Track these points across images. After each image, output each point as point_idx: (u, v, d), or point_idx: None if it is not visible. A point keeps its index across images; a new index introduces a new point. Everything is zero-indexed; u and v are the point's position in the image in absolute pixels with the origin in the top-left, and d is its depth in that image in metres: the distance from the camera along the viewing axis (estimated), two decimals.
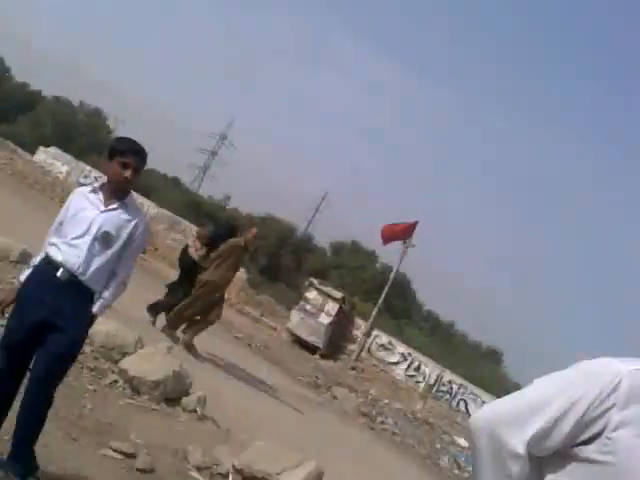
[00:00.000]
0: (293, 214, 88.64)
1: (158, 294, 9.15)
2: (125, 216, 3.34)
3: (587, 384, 1.41)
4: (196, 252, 8.91)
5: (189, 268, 8.97)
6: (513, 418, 1.45)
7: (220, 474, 4.56)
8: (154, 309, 8.81)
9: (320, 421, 8.53)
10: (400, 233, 19.55)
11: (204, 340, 8.86)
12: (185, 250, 9.26)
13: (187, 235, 21.21)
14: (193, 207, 29.86)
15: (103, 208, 3.30)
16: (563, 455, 1.43)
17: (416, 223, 19.91)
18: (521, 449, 1.42)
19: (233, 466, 4.62)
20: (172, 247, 18.62)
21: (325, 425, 8.82)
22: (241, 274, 23.33)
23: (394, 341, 19.70)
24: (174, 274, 10.88)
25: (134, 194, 3.55)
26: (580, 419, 1.39)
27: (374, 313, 19.75)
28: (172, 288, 9.15)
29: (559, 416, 1.40)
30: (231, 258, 8.60)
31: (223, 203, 37.11)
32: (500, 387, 25.77)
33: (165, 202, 24.14)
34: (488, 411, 1.53)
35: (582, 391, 1.40)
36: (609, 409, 1.37)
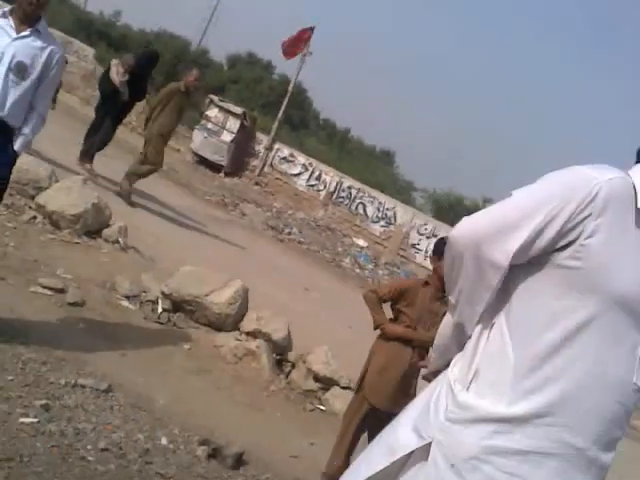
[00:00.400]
0: (186, 28, 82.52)
1: (75, 132, 8.78)
2: (39, 43, 3.18)
3: (567, 196, 1.43)
4: (117, 75, 8.36)
5: (109, 94, 8.52)
6: (497, 232, 1.47)
7: (150, 301, 4.80)
8: (87, 156, 8.41)
9: (234, 239, 8.92)
10: (299, 43, 18.91)
11: (109, 167, 8.72)
12: (106, 74, 8.65)
13: (81, 57, 19.51)
14: (83, 26, 26.99)
15: (15, 35, 3.12)
16: (534, 262, 1.48)
17: (312, 29, 19.24)
18: (505, 262, 1.46)
19: (162, 292, 4.88)
20: (72, 73, 17.09)
21: (239, 242, 9.24)
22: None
23: (295, 153, 19.93)
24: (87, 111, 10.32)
25: None
26: (560, 229, 1.42)
27: (275, 127, 19.67)
28: (95, 124, 8.69)
29: (542, 228, 1.43)
30: (171, 103, 8.20)
31: (114, 19, 33.82)
32: (394, 187, 27.18)
33: (52, 22, 21.58)
34: (470, 227, 1.54)
35: (563, 203, 1.42)
36: (586, 218, 1.41)
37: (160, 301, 4.83)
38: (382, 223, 18.11)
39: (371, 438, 3.66)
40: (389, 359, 3.48)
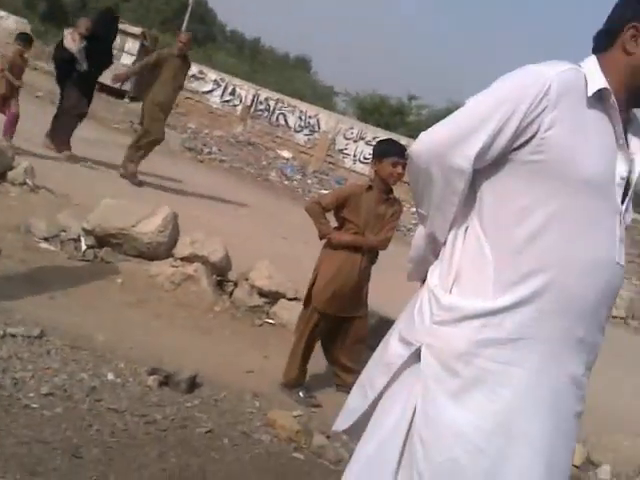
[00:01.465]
0: None
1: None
2: None
3: (520, 95, 1.46)
4: (74, 42, 7.42)
5: (67, 62, 7.57)
6: (456, 139, 1.50)
7: (72, 239, 4.54)
8: (59, 136, 7.60)
9: (150, 166, 8.49)
10: None
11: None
12: (60, 44, 7.70)
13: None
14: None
15: None
16: (498, 162, 1.52)
17: None
18: (467, 165, 1.49)
19: (83, 228, 4.62)
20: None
21: (157, 168, 8.83)
22: (25, 26, 20.33)
23: (205, 69, 19.12)
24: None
25: None
26: (517, 127, 1.46)
27: None
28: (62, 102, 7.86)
29: (499, 128, 1.47)
30: (164, 70, 7.51)
31: None
32: (314, 93, 26.72)
33: None
34: (430, 140, 1.56)
35: (517, 101, 1.46)
36: (541, 112, 1.45)
37: (83, 238, 4.57)
38: (306, 132, 17.84)
39: (324, 343, 3.68)
40: (339, 267, 3.46)
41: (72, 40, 7.50)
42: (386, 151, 3.48)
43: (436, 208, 1.60)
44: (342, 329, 3.60)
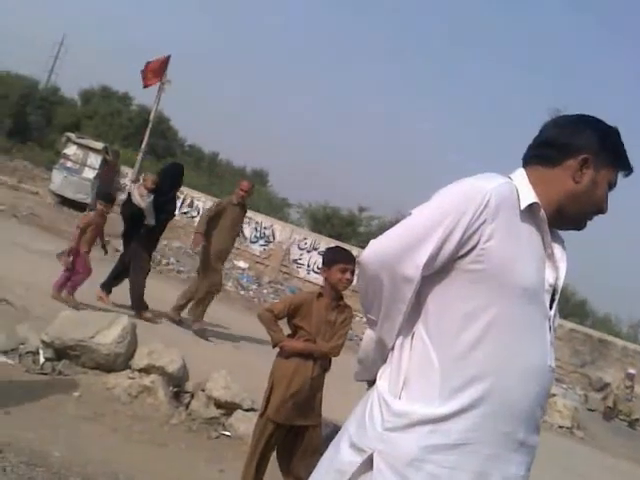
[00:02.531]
0: (33, 67, 78.45)
1: None
2: None
3: (463, 207, 1.56)
4: (141, 198, 7.32)
5: (136, 218, 7.40)
6: (405, 249, 1.58)
7: (30, 352, 4.53)
8: (138, 302, 7.39)
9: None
10: (157, 72, 18.64)
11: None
12: (128, 200, 7.54)
13: None
14: None
15: None
16: (442, 270, 1.60)
17: (168, 57, 19.05)
18: (416, 274, 1.57)
19: (42, 341, 4.62)
20: None
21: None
22: None
23: None
24: None
25: None
26: (461, 237, 1.55)
27: (139, 158, 19.19)
28: (126, 256, 7.62)
29: (444, 239, 1.56)
30: (224, 218, 7.58)
31: None
32: (270, 205, 27.37)
33: None
34: (379, 250, 1.63)
35: (460, 213, 1.55)
36: (482, 224, 1.55)
37: (41, 351, 4.57)
38: (261, 242, 18.20)
39: (279, 454, 3.67)
40: (292, 375, 3.46)
41: (140, 196, 7.37)
42: (334, 258, 3.58)
43: (385, 314, 1.65)
44: (297, 439, 3.55)
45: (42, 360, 4.49)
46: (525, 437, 1.57)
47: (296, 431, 3.56)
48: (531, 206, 1.62)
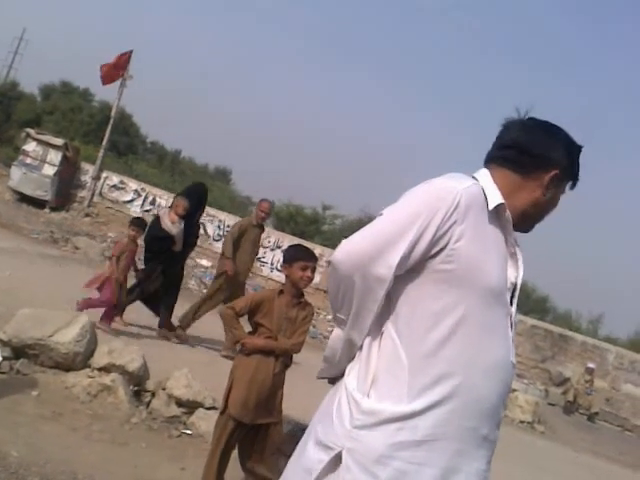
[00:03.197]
0: None
1: None
2: None
3: (434, 207, 1.58)
4: (173, 224, 6.99)
5: (163, 243, 7.03)
6: (378, 249, 1.59)
7: None
8: (167, 321, 7.23)
9: (70, 275, 8.46)
10: (119, 68, 18.39)
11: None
12: (156, 223, 7.10)
13: None
14: None
15: None
16: (412, 270, 1.62)
17: (130, 53, 18.81)
18: (389, 274, 1.59)
19: (0, 340, 4.60)
20: None
21: (76, 277, 8.77)
22: None
23: (125, 179, 19.32)
24: None
25: None
26: (432, 237, 1.57)
27: (100, 155, 18.92)
28: (145, 280, 7.18)
29: (417, 239, 1.57)
30: (244, 239, 7.60)
31: None
32: (232, 204, 27.24)
33: None
34: (352, 250, 1.63)
35: (431, 214, 1.57)
36: (452, 225, 1.58)
37: None
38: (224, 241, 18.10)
39: (240, 451, 3.68)
40: (253, 373, 3.47)
41: (171, 222, 7.05)
42: (296, 256, 3.62)
43: (355, 314, 1.66)
44: (257, 436, 3.57)
45: (0, 359, 4.42)
46: (488, 432, 1.62)
47: (257, 428, 3.56)
48: (498, 207, 1.66)
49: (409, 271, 1.62)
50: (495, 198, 1.66)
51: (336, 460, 1.57)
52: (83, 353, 4.67)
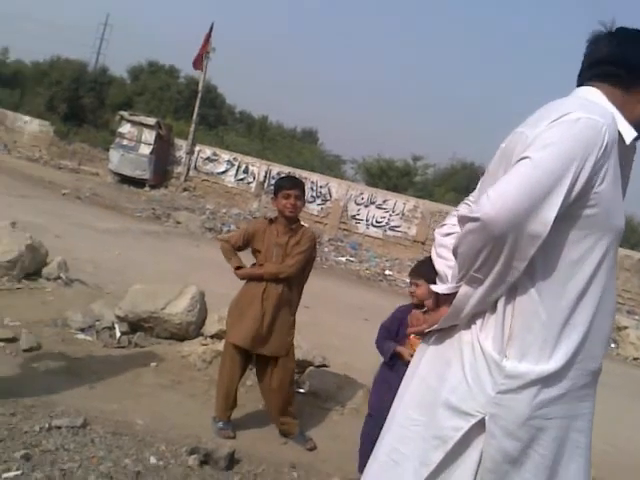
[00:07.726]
0: (81, 50, 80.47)
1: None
2: None
3: (586, 150, 1.45)
4: None
5: None
6: (533, 204, 1.43)
7: (106, 328, 4.72)
8: None
9: (175, 248, 8.79)
10: (204, 47, 18.74)
11: (30, 208, 8.42)
12: None
13: None
14: None
15: None
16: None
17: (211, 27, 19.03)
18: (544, 232, 1.45)
19: (116, 316, 4.81)
20: None
21: (181, 250, 9.12)
22: (48, 128, 21.29)
23: (218, 151, 19.77)
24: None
25: None
26: (585, 184, 1.46)
27: (192, 129, 19.41)
28: None
29: (571, 187, 1.45)
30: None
31: (2, 56, 33.13)
32: (322, 163, 27.23)
33: None
34: (504, 205, 1.44)
35: (584, 158, 1.45)
36: (601, 167, 1.47)
37: (117, 325, 4.75)
38: (318, 202, 18.19)
39: (260, 386, 3.80)
40: (239, 298, 3.67)
41: None
42: (278, 186, 3.70)
43: (499, 273, 1.52)
44: (269, 370, 3.68)
45: (118, 334, 4.66)
46: (600, 368, 1.62)
47: (266, 362, 3.68)
48: (635, 140, 1.57)
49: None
50: (630, 131, 1.56)
51: (477, 426, 1.53)
52: (195, 322, 4.84)
